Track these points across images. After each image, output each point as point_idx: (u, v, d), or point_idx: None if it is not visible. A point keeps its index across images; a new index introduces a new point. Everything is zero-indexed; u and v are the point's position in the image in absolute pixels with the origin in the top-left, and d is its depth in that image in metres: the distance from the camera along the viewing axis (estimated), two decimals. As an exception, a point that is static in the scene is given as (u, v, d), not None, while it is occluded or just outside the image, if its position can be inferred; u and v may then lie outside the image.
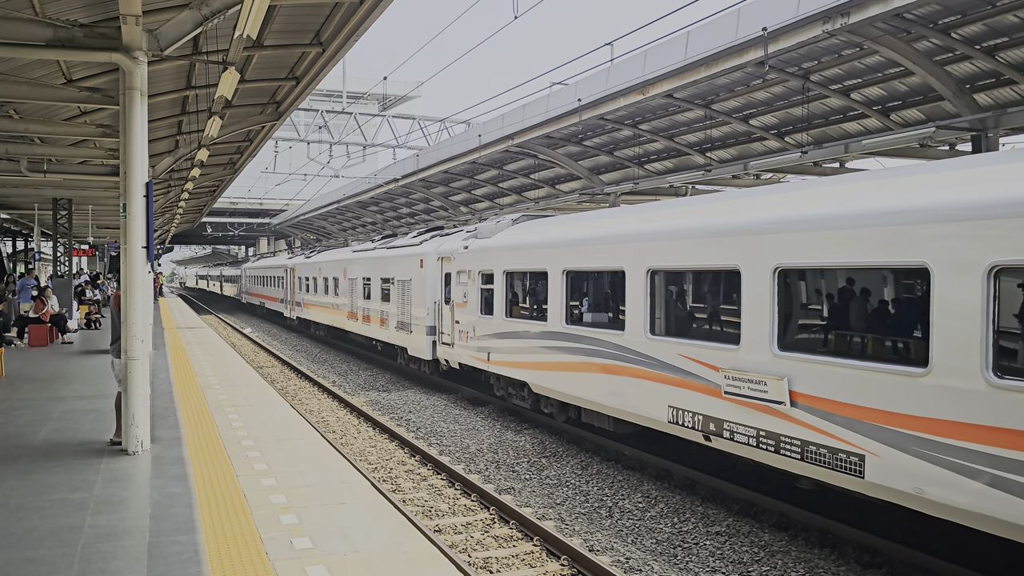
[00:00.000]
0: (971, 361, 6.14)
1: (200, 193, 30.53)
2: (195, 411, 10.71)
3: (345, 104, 32.43)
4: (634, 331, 10.31)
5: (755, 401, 8.23)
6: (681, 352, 9.42)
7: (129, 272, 8.32)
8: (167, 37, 8.33)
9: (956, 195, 6.44)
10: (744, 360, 8.41)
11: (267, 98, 14.88)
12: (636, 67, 15.91)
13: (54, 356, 17.06)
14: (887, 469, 6.84)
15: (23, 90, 10.99)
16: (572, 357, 11.81)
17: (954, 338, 6.30)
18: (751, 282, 8.32)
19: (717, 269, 9.07)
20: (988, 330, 6.05)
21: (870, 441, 6.98)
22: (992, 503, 5.98)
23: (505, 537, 8.59)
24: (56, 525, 6.06)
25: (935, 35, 12.25)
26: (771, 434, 8.08)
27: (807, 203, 7.98)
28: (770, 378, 8.02)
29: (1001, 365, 6.01)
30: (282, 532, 5.96)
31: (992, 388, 5.98)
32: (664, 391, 9.70)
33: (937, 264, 6.43)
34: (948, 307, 6.36)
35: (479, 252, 15.31)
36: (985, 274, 6.06)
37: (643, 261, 10.14)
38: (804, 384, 7.67)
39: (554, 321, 12.34)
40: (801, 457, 7.72)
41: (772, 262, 8.05)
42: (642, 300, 10.14)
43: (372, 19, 9.78)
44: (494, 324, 14.51)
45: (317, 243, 61.25)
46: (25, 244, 46.16)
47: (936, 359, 6.43)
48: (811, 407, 7.59)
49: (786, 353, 7.92)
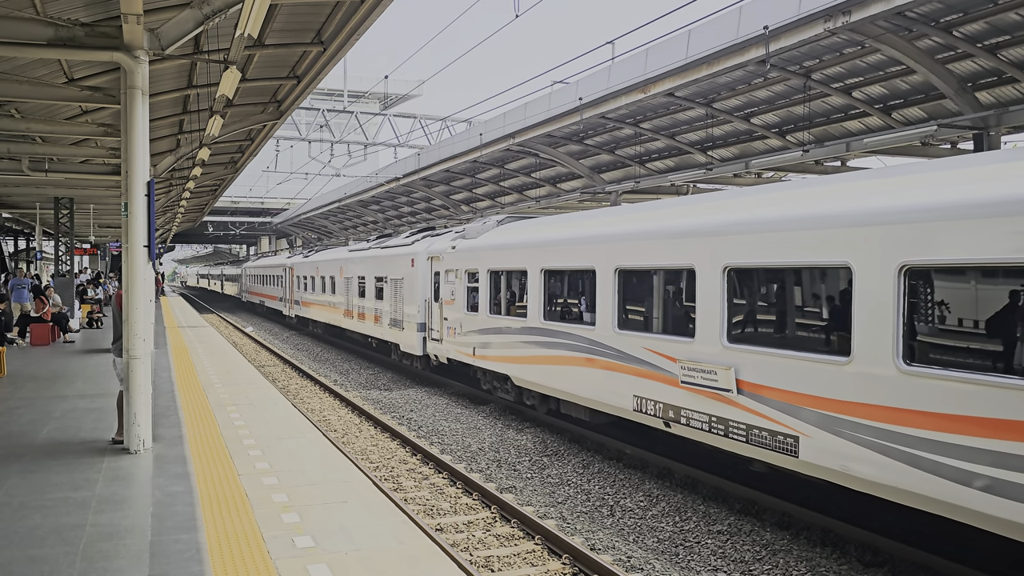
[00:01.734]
0: (885, 350, 6.84)
1: (201, 192, 30.55)
2: (197, 410, 10.72)
3: (346, 103, 32.42)
4: (604, 326, 11.00)
5: (707, 389, 8.94)
6: (644, 345, 10.13)
7: (131, 271, 8.32)
8: (168, 36, 8.33)
9: (874, 202, 7.18)
10: (698, 352, 9.12)
11: (268, 97, 14.88)
12: (637, 66, 15.90)
13: (56, 355, 17.07)
14: (818, 449, 7.54)
15: (25, 89, 11.00)
16: (549, 351, 12.47)
17: (871, 330, 6.99)
18: (704, 280, 9.01)
19: (676, 268, 9.71)
20: (899, 322, 6.75)
21: (803, 424, 7.69)
22: (904, 477, 6.66)
23: (507, 536, 8.60)
24: (58, 524, 6.07)
25: (937, 33, 12.23)
26: (721, 419, 8.78)
27: (753, 208, 8.68)
28: (720, 368, 8.72)
29: (909, 353, 6.71)
30: (284, 531, 5.96)
31: (902, 374, 6.68)
32: (630, 381, 10.38)
33: (858, 263, 7.13)
34: (866, 302, 7.04)
35: (466, 252, 15.94)
36: (896, 272, 6.75)
37: (611, 261, 10.83)
38: (749, 373, 8.37)
39: (533, 317, 12.99)
40: (747, 440, 8.44)
41: (722, 262, 8.74)
42: (610, 297, 10.86)
43: (373, 18, 9.78)
44: (479, 320, 15.13)
45: (318, 242, 61.27)
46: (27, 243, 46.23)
47: (856, 349, 7.12)
48: (755, 394, 8.28)
49: (734, 345, 8.61)
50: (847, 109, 16.51)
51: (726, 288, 8.71)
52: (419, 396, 17.27)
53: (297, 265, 35.11)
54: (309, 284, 32.31)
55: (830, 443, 7.38)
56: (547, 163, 25.63)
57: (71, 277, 25.73)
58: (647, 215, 10.72)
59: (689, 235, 9.36)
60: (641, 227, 10.48)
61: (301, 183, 45.41)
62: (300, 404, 16.27)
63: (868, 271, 7.03)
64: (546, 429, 13.68)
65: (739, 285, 8.75)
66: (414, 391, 18.05)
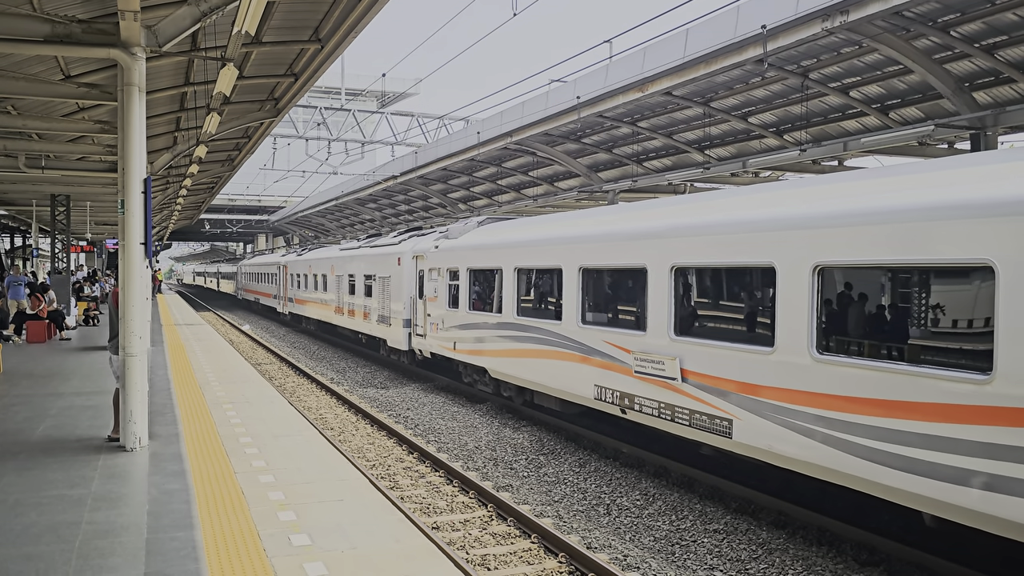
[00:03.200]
0: (801, 341, 7.68)
1: (198, 189, 30.50)
2: (193, 408, 10.71)
3: (344, 101, 32.39)
4: (569, 321, 11.80)
5: (657, 378, 9.81)
6: (604, 338, 10.96)
7: (127, 268, 8.31)
8: (165, 33, 8.30)
9: (795, 210, 7.98)
10: (649, 344, 9.98)
11: (265, 95, 14.86)
12: (635, 65, 15.90)
13: (52, 352, 17.05)
14: (748, 430, 8.37)
15: (21, 86, 10.96)
16: (522, 345, 13.30)
17: (791, 323, 7.82)
18: (655, 278, 9.88)
19: (631, 267, 10.48)
20: (813, 316, 7.60)
21: (736, 408, 8.54)
22: (817, 453, 7.51)
23: (503, 534, 8.60)
24: (54, 521, 6.05)
25: (934, 33, 12.25)
26: (669, 405, 9.65)
27: (698, 213, 9.55)
28: (667, 359, 9.61)
29: (821, 344, 7.56)
30: (280, 529, 5.96)
31: (815, 362, 7.52)
32: (592, 372, 11.21)
33: (780, 264, 7.95)
34: (787, 298, 7.87)
35: (448, 251, 16.76)
36: (811, 272, 7.59)
37: (576, 260, 11.65)
38: (691, 363, 9.25)
39: (507, 313, 13.82)
40: (690, 424, 9.29)
41: (670, 261, 9.62)
42: (575, 293, 11.67)
43: (371, 16, 9.76)
44: (459, 316, 15.91)
45: (315, 240, 61.22)
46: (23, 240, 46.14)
47: (779, 340, 7.96)
48: (696, 382, 9.16)
49: (679, 337, 9.49)
50: (844, 109, 16.53)
51: (673, 285, 9.60)
52: (416, 394, 17.27)
53: (291, 263, 35.75)
54: (302, 282, 33.07)
55: (758, 425, 8.21)
56: (544, 162, 25.63)
57: (67, 274, 25.67)
58: (608, 219, 11.56)
59: (642, 237, 10.24)
60: (602, 230, 11.31)
61: (298, 181, 45.40)
62: (297, 402, 16.25)
63: (788, 271, 7.85)
64: (543, 427, 13.69)
65: (684, 283, 9.62)
66: (411, 389, 18.04)
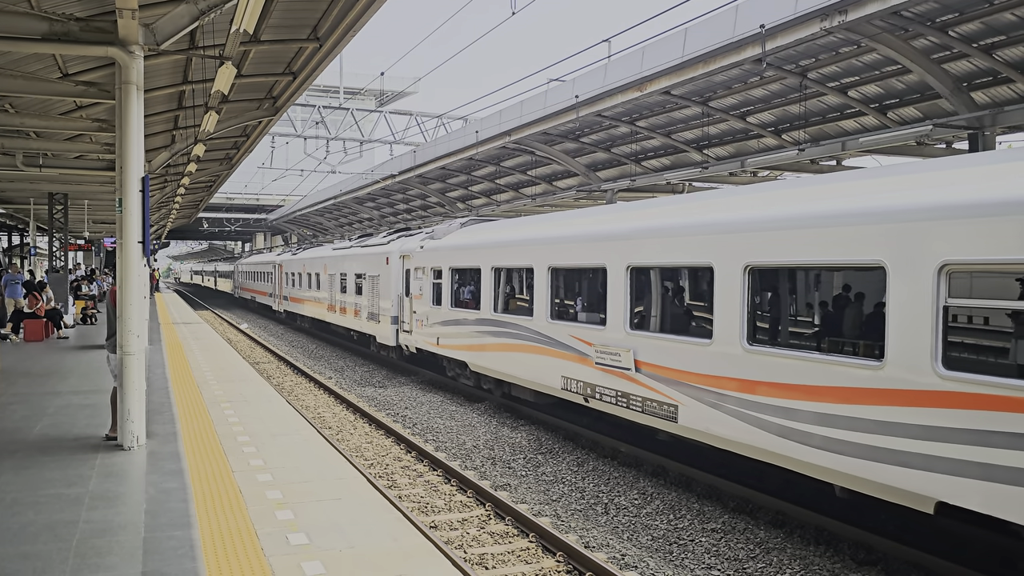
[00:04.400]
0: (735, 333, 8.48)
1: (196, 188, 30.47)
2: (191, 406, 10.70)
3: (342, 100, 32.33)
4: (540, 317, 12.64)
5: (614, 368, 10.66)
6: (570, 332, 11.80)
7: (125, 267, 8.29)
8: (163, 31, 8.29)
9: (730, 216, 8.81)
10: (608, 337, 10.81)
11: (264, 93, 14.84)
12: (633, 64, 15.90)
13: (50, 351, 17.03)
14: (691, 414, 9.23)
15: (19, 84, 10.95)
16: (499, 339, 14.08)
17: (726, 317, 8.62)
18: (613, 277, 10.69)
19: (593, 267, 11.30)
20: (744, 310, 8.39)
21: (681, 395, 9.39)
22: (747, 435, 8.34)
23: (501, 533, 8.60)
24: (51, 520, 6.05)
25: (933, 33, 12.26)
26: (624, 394, 10.47)
27: (650, 217, 10.41)
28: (623, 351, 10.44)
29: (750, 336, 8.38)
30: (278, 528, 5.95)
31: (746, 352, 8.35)
32: (559, 364, 12.03)
33: (717, 264, 8.76)
34: (723, 294, 8.67)
35: (432, 251, 17.59)
36: (742, 271, 8.38)
37: (545, 260, 12.48)
38: (644, 354, 10.09)
39: (486, 309, 14.61)
40: (643, 411, 10.12)
41: (626, 261, 10.43)
42: (545, 291, 12.50)
43: (369, 14, 9.75)
44: (442, 313, 16.72)
45: (314, 239, 61.20)
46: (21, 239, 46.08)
47: (716, 333, 8.79)
48: (648, 372, 10.00)
49: (634, 331, 10.35)
50: (843, 108, 16.54)
51: (629, 283, 10.44)
52: (414, 393, 17.27)
53: (286, 262, 36.54)
54: (296, 280, 33.99)
55: (699, 409, 9.07)
56: (543, 161, 25.63)
57: (65, 273, 25.63)
58: (574, 222, 12.40)
59: (603, 239, 11.06)
60: (569, 232, 12.15)
61: (296, 180, 45.33)
62: (295, 401, 16.24)
63: (724, 270, 8.67)
64: (540, 427, 13.69)
65: (638, 281, 10.45)
66: (408, 388, 18.04)
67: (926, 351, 6.48)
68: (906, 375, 6.63)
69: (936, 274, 6.43)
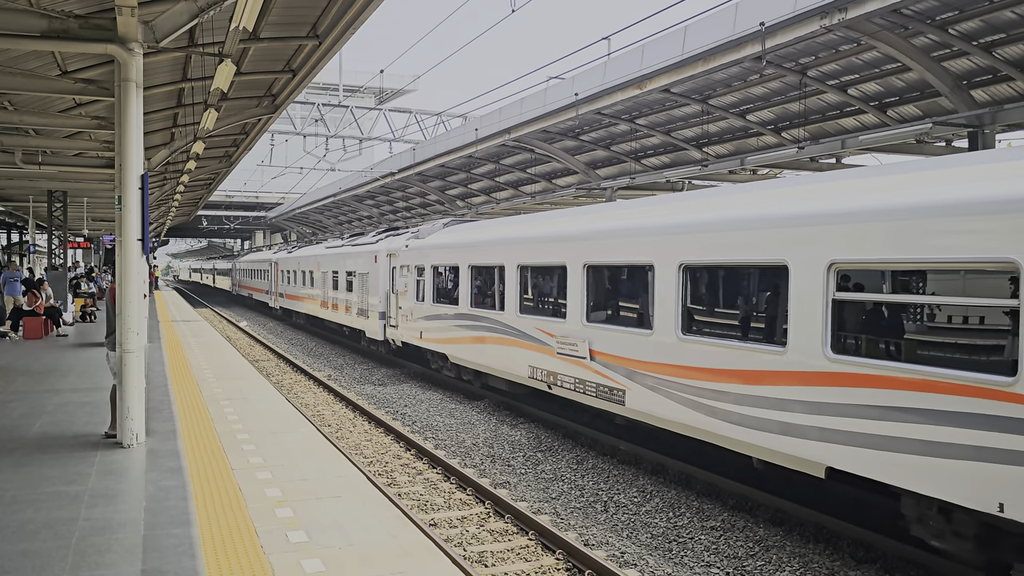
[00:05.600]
0: (671, 325, 9.44)
1: (196, 186, 30.44)
2: (190, 404, 10.70)
3: (342, 97, 32.30)
4: (510, 311, 13.59)
5: (573, 357, 11.58)
6: (535, 325, 12.73)
7: (124, 265, 8.29)
8: (163, 29, 8.28)
9: (668, 219, 9.85)
10: (567, 329, 11.75)
11: (263, 91, 14.82)
12: (633, 62, 15.88)
13: (49, 349, 17.02)
14: (636, 398, 10.17)
15: (18, 81, 10.93)
16: (475, 333, 15.07)
17: (664, 310, 9.57)
18: (572, 274, 11.62)
19: (554, 265, 12.21)
20: (679, 304, 9.34)
21: (627, 380, 10.31)
22: (682, 415, 9.24)
23: (500, 531, 8.60)
24: (51, 518, 6.05)
25: (932, 31, 12.25)
26: (581, 380, 11.37)
27: (604, 220, 11.36)
28: (579, 341, 11.37)
29: (684, 327, 9.34)
30: (277, 526, 5.95)
31: (680, 341, 9.31)
32: (527, 355, 12.96)
33: (657, 262, 9.71)
34: (662, 290, 9.62)
35: (416, 250, 18.59)
36: (677, 269, 9.34)
37: (514, 258, 13.45)
38: (597, 344, 11.01)
39: (463, 304, 15.58)
40: (596, 396, 11.03)
41: (582, 260, 11.36)
42: (514, 287, 13.46)
43: (369, 12, 9.73)
44: (425, 308, 17.71)
45: (313, 236, 61.18)
46: (20, 236, 46.05)
47: (656, 324, 9.74)
48: (601, 360, 10.91)
49: (589, 323, 11.27)
50: (843, 106, 16.53)
51: (585, 280, 11.38)
52: (413, 391, 17.27)
53: (281, 260, 37.52)
54: (291, 278, 35.00)
55: (642, 393, 10.02)
56: (542, 159, 25.62)
57: (64, 271, 25.61)
58: (540, 224, 13.41)
59: (563, 240, 12.04)
60: (535, 232, 13.13)
61: (296, 177, 45.36)
62: (294, 399, 16.25)
63: (663, 268, 9.62)
64: (540, 425, 13.70)
65: (593, 277, 11.37)
66: (408, 386, 18.04)
67: (818, 338, 7.44)
68: (803, 359, 7.59)
69: (826, 271, 7.38)
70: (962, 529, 6.68)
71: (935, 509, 6.86)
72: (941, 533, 6.88)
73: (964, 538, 6.69)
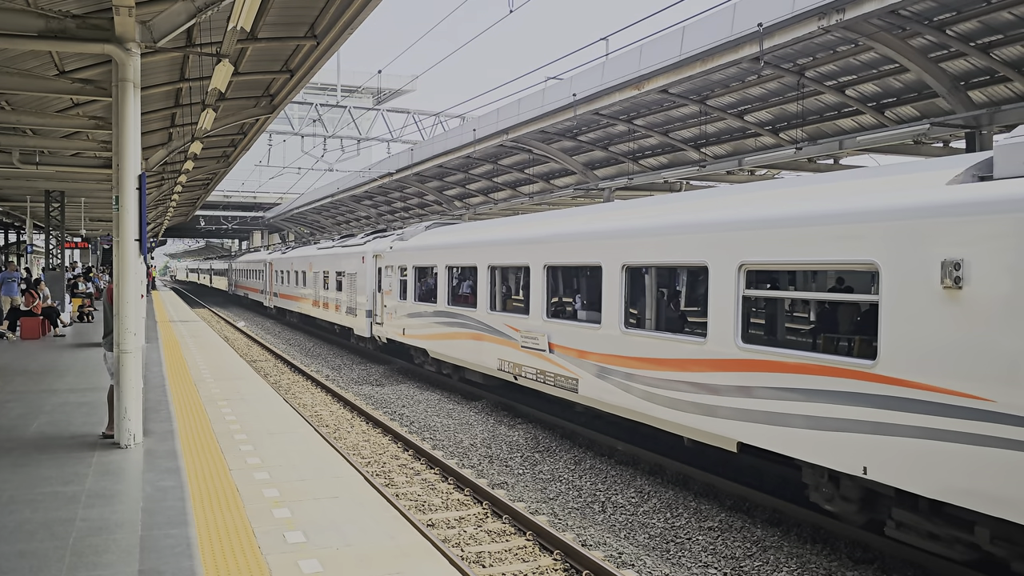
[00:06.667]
0: (616, 319, 10.45)
1: (193, 186, 30.42)
2: (188, 405, 10.69)
3: (339, 98, 32.28)
4: (482, 308, 14.55)
5: (535, 350, 12.58)
6: (504, 321, 13.72)
7: (122, 265, 8.28)
8: (160, 29, 8.27)
9: (613, 224, 10.91)
10: (530, 324, 12.76)
11: (261, 91, 14.82)
12: (631, 62, 15.89)
13: (46, 349, 17.00)
14: (587, 386, 11.19)
15: (15, 81, 10.91)
16: (452, 329, 16.01)
17: (611, 307, 10.58)
18: (535, 273, 12.57)
19: (520, 265, 13.29)
20: (622, 301, 10.37)
21: (580, 370, 11.32)
22: (625, 400, 10.30)
23: (498, 532, 8.60)
24: (48, 518, 6.04)
25: (930, 32, 12.26)
26: (542, 371, 12.38)
27: (561, 224, 12.43)
28: (540, 335, 12.40)
29: (626, 321, 10.38)
30: (275, 526, 5.95)
31: (623, 334, 10.34)
32: (496, 348, 13.95)
33: (604, 263, 10.70)
34: (608, 288, 10.63)
35: (399, 251, 19.61)
36: (620, 269, 10.35)
37: (486, 259, 14.43)
38: (556, 338, 12.05)
39: (441, 302, 16.53)
40: (555, 385, 12.00)
41: (543, 261, 12.37)
42: (486, 286, 14.41)
43: (367, 12, 9.73)
44: (407, 307, 18.70)
45: (311, 236, 61.12)
46: (17, 237, 45.96)
47: (604, 319, 10.74)
48: (559, 352, 11.94)
49: (549, 319, 12.31)
50: (840, 107, 16.55)
51: (546, 279, 12.37)
52: (411, 392, 17.26)
53: (276, 261, 38.49)
54: (285, 278, 35.99)
55: (592, 382, 11.04)
56: (540, 159, 25.62)
57: (62, 271, 25.57)
58: (508, 228, 14.45)
59: (526, 242, 13.08)
60: (503, 235, 14.13)
61: (293, 178, 45.35)
62: (292, 399, 16.23)
63: (609, 269, 10.60)
64: (538, 425, 13.70)
65: (553, 277, 12.48)
66: (406, 387, 18.03)
67: (731, 329, 8.41)
68: (720, 348, 8.59)
69: (737, 271, 8.37)
70: (848, 494, 7.66)
71: (826, 477, 7.82)
72: (832, 498, 7.84)
73: (850, 501, 7.68)
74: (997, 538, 6.44)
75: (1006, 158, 6.29)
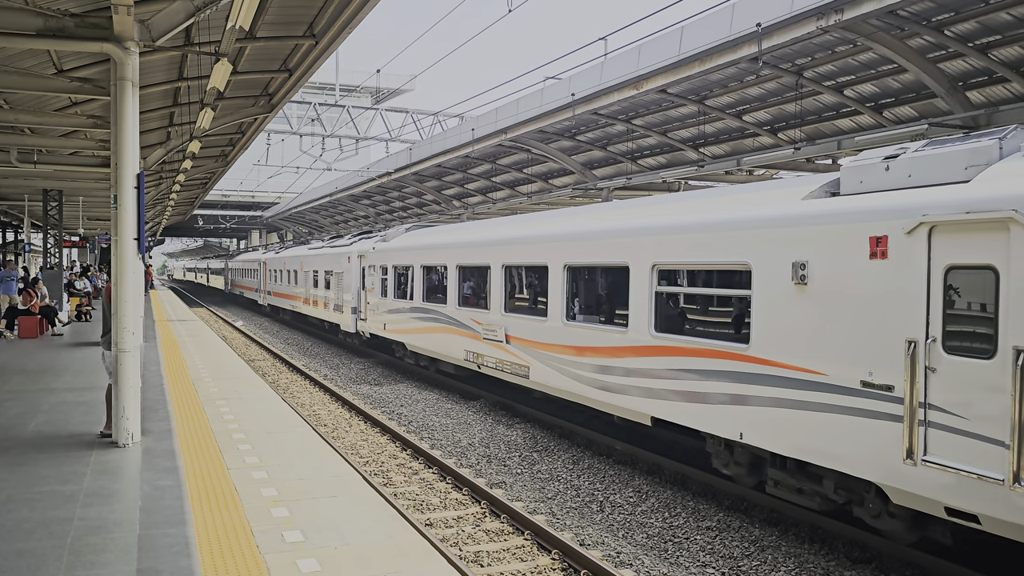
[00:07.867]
0: (560, 312, 11.85)
1: (192, 185, 30.40)
2: (186, 404, 10.68)
3: (338, 97, 32.24)
4: (451, 304, 15.99)
5: (494, 341, 13.94)
6: (470, 316, 15.08)
7: (120, 264, 8.27)
8: (159, 27, 8.27)
9: (558, 228, 12.35)
10: (491, 318, 14.14)
11: (259, 90, 14.81)
12: (630, 62, 15.89)
13: (44, 348, 16.98)
14: (536, 372, 12.53)
15: (13, 80, 10.90)
16: (426, 323, 17.42)
17: (556, 302, 11.94)
18: (494, 273, 14.04)
19: (482, 265, 14.64)
20: (565, 297, 11.75)
21: (531, 358, 12.69)
22: (568, 384, 11.57)
23: (496, 531, 8.60)
24: (46, 517, 6.04)
25: (928, 32, 12.27)
26: (501, 360, 13.75)
27: (515, 228, 13.92)
28: (499, 328, 13.78)
29: (568, 314, 11.74)
30: (273, 525, 5.95)
31: (564, 325, 11.74)
32: (463, 341, 15.32)
33: (550, 263, 12.13)
34: (553, 285, 12.02)
35: (381, 252, 20.97)
36: (562, 268, 11.80)
37: (454, 260, 15.90)
38: (512, 329, 13.38)
39: (417, 299, 17.94)
40: (511, 372, 13.35)
41: (501, 261, 13.84)
42: (455, 284, 15.89)
43: (366, 11, 9.73)
44: (387, 303, 20.07)
45: (309, 236, 61.08)
46: (15, 235, 45.89)
47: (549, 313, 12.13)
48: (514, 343, 13.28)
49: (506, 313, 13.66)
50: (839, 107, 16.55)
51: (503, 277, 13.80)
52: (409, 391, 17.26)
53: (270, 260, 39.80)
54: (278, 277, 37.35)
55: (541, 368, 12.38)
56: (539, 159, 25.62)
57: (59, 270, 25.54)
58: (474, 231, 15.84)
59: (488, 244, 14.48)
60: (469, 238, 15.58)
61: (292, 177, 45.25)
62: (290, 398, 16.23)
63: (553, 267, 12.02)
64: (536, 425, 13.71)
65: (510, 275, 13.83)
66: (404, 386, 18.03)
67: (647, 319, 9.87)
68: (638, 336, 10.01)
69: (651, 271, 9.85)
70: (740, 459, 8.94)
71: (723, 445, 9.13)
72: (728, 463, 9.13)
73: (740, 465, 8.96)
74: (839, 488, 7.71)
75: (850, 177, 7.51)
